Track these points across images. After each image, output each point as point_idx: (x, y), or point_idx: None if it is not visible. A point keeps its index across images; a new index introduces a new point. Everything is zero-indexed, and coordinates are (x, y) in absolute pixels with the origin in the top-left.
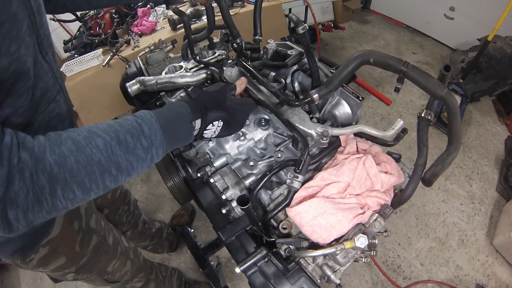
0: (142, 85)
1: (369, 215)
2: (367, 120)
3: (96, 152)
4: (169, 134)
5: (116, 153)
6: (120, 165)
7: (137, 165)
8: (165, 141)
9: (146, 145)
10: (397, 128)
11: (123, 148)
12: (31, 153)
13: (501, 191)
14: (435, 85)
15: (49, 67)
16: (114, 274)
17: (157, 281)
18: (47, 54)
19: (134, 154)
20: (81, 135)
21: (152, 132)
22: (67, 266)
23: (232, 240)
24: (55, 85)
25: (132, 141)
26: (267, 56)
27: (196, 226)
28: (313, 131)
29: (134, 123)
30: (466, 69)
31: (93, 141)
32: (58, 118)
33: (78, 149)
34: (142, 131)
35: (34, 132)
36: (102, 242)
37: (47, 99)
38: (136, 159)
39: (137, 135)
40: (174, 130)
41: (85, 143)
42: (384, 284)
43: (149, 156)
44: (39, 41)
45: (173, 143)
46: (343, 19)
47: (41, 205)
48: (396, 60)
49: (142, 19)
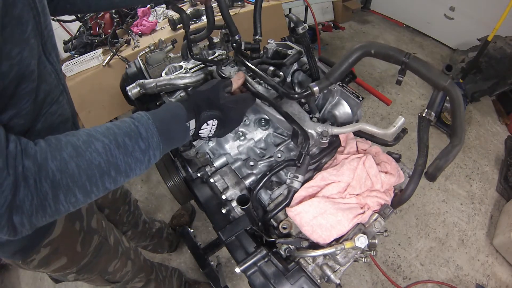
0: (142, 88)
1: (369, 215)
2: (367, 120)
3: (96, 156)
4: (165, 136)
5: (115, 156)
6: (119, 167)
7: (135, 166)
8: (162, 143)
9: (144, 147)
10: (398, 126)
11: (122, 151)
12: (34, 160)
13: (501, 191)
14: (438, 75)
15: (52, 68)
16: (115, 274)
17: (158, 281)
18: (51, 55)
19: (132, 157)
20: (80, 139)
21: (149, 134)
22: (68, 267)
23: (232, 240)
24: (58, 86)
25: (131, 143)
26: (267, 56)
27: (196, 226)
28: (313, 130)
29: (131, 126)
30: (466, 69)
31: (92, 145)
32: (61, 119)
33: (78, 154)
34: (139, 133)
35: (37, 134)
36: (103, 242)
37: (50, 101)
38: (134, 161)
39: (135, 138)
40: (170, 131)
41: (84, 148)
42: (384, 284)
43: (146, 157)
44: (43, 42)
45: (169, 144)
46: (343, 19)
47: (44, 210)
48: (397, 51)
49: (142, 19)
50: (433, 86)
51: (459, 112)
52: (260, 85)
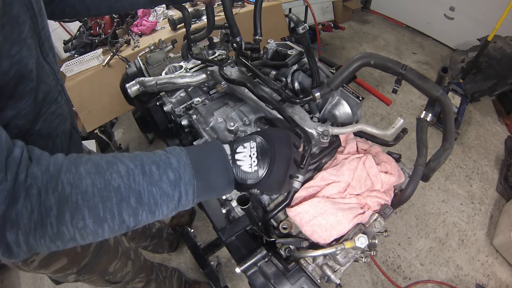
0: (142, 86)
1: (369, 215)
2: (367, 120)
3: (117, 178)
4: (200, 171)
5: (139, 182)
6: (142, 197)
7: (162, 201)
8: (196, 179)
9: (173, 179)
10: (397, 127)
11: (147, 179)
12: (45, 169)
13: (501, 191)
14: (431, 86)
15: (50, 69)
16: (116, 275)
17: (158, 281)
18: (48, 56)
19: (158, 187)
20: (103, 158)
21: (181, 165)
22: (68, 267)
23: (232, 240)
24: (57, 86)
25: (158, 172)
26: (267, 56)
27: (196, 226)
28: (314, 130)
29: (162, 156)
30: (466, 69)
31: (115, 166)
32: (60, 119)
33: (97, 171)
34: (170, 163)
35: (37, 134)
36: (103, 243)
37: (49, 101)
38: (160, 194)
39: (163, 167)
40: (205, 165)
41: (106, 167)
42: (384, 284)
43: (176, 193)
44: (40, 43)
45: (206, 183)
46: (343, 19)
47: (44, 229)
48: (395, 63)
49: (142, 19)
50: (427, 95)
51: (449, 120)
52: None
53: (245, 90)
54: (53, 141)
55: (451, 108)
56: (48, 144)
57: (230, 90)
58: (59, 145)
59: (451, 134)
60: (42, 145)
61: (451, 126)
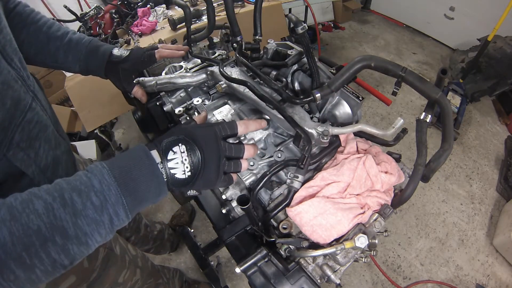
0: (142, 86)
1: (369, 215)
2: (367, 120)
3: (34, 218)
4: (127, 186)
5: (60, 217)
6: (67, 231)
7: (91, 229)
8: (124, 196)
9: (98, 204)
10: (397, 127)
11: (69, 210)
12: None
13: (501, 191)
14: (430, 88)
15: (17, 74)
16: (126, 285)
17: (163, 284)
18: (13, 61)
19: (83, 216)
20: (18, 199)
21: (104, 186)
22: (78, 284)
23: (232, 240)
24: (28, 93)
25: (80, 200)
26: (267, 56)
27: (196, 226)
28: (314, 130)
29: (82, 178)
30: (466, 69)
31: (30, 205)
32: (39, 126)
33: (12, 217)
34: (92, 186)
35: (16, 145)
36: (109, 254)
37: (23, 108)
38: (87, 222)
39: (86, 192)
40: (134, 179)
41: (21, 209)
42: (384, 284)
43: (106, 217)
44: (1, 48)
45: (136, 197)
46: (343, 19)
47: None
48: (395, 65)
49: (142, 19)
50: (426, 97)
51: (448, 121)
52: (262, 90)
53: (245, 90)
54: (35, 153)
55: (450, 110)
56: (30, 156)
57: (230, 90)
58: (43, 156)
59: (450, 136)
60: (23, 158)
61: (450, 128)
